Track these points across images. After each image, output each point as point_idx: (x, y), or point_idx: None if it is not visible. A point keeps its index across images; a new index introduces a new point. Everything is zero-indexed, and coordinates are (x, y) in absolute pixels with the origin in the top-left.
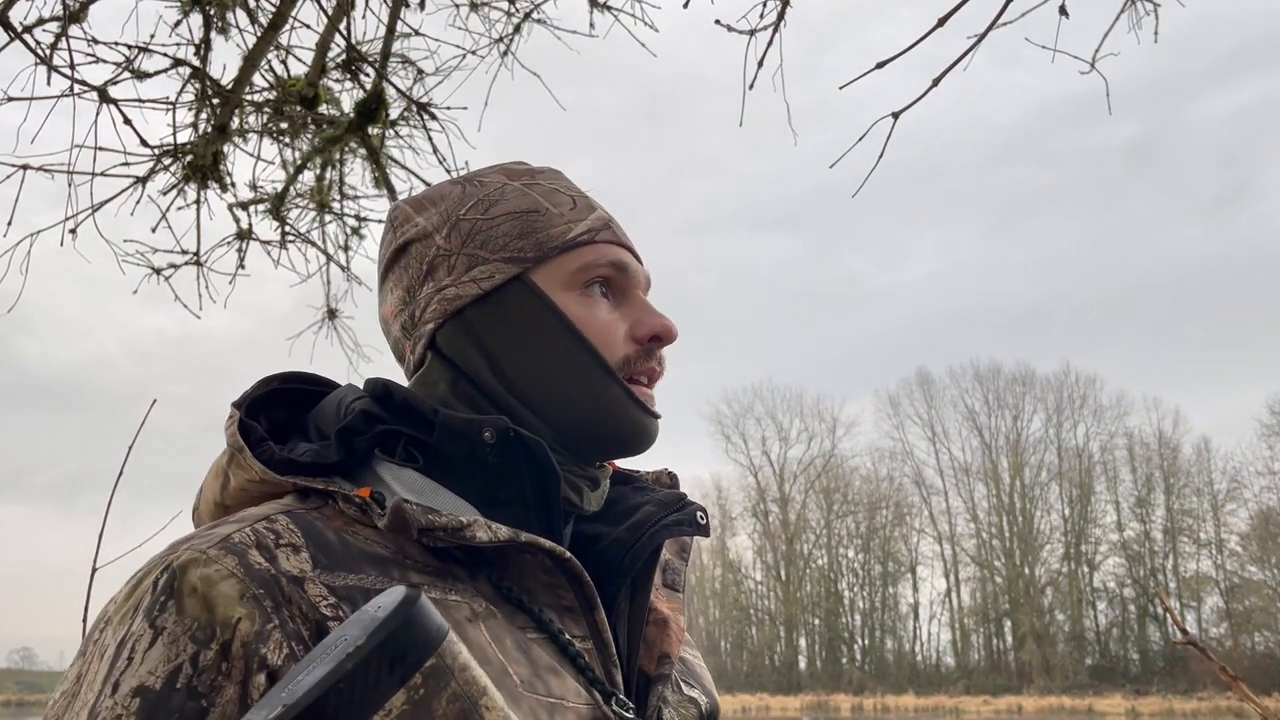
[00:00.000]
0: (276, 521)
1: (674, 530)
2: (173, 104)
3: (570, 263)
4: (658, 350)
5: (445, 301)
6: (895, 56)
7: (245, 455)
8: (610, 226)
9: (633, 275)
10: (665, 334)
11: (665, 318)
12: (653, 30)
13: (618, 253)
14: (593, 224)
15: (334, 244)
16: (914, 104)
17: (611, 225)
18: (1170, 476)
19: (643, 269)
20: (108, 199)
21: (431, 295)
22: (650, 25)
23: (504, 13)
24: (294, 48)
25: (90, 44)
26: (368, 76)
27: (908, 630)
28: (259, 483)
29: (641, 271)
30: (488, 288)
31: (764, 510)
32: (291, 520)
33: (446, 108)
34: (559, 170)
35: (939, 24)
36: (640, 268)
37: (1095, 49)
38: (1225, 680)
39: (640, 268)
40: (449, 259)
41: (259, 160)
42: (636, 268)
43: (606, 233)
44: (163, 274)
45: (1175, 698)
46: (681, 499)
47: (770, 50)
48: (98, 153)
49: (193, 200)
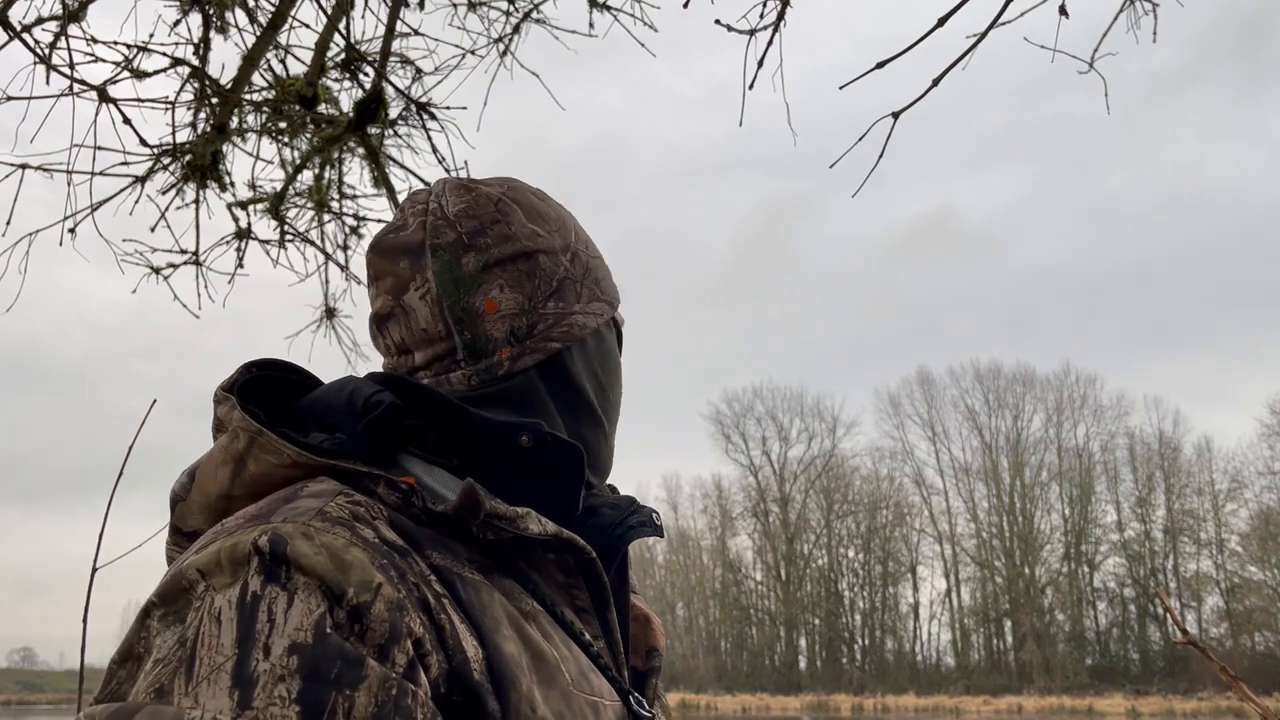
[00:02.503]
0: (354, 496)
1: (635, 532)
2: (172, 103)
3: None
4: None
5: (575, 327)
6: (895, 56)
7: (272, 439)
8: None
9: None
10: None
11: None
12: (652, 30)
13: None
14: None
15: (333, 243)
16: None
17: None
18: (1171, 476)
19: None
20: (107, 198)
21: (562, 315)
22: (650, 25)
23: (503, 12)
24: (293, 47)
25: (89, 43)
26: (367, 76)
27: (908, 630)
28: (290, 467)
29: None
30: (598, 325)
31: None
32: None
33: (446, 107)
34: None
35: (939, 24)
36: None
37: (1094, 48)
38: (1226, 680)
39: None
40: (575, 285)
41: (258, 160)
42: None
43: None
44: (161, 273)
45: (1175, 698)
46: (633, 501)
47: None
48: (97, 152)
49: (191, 200)
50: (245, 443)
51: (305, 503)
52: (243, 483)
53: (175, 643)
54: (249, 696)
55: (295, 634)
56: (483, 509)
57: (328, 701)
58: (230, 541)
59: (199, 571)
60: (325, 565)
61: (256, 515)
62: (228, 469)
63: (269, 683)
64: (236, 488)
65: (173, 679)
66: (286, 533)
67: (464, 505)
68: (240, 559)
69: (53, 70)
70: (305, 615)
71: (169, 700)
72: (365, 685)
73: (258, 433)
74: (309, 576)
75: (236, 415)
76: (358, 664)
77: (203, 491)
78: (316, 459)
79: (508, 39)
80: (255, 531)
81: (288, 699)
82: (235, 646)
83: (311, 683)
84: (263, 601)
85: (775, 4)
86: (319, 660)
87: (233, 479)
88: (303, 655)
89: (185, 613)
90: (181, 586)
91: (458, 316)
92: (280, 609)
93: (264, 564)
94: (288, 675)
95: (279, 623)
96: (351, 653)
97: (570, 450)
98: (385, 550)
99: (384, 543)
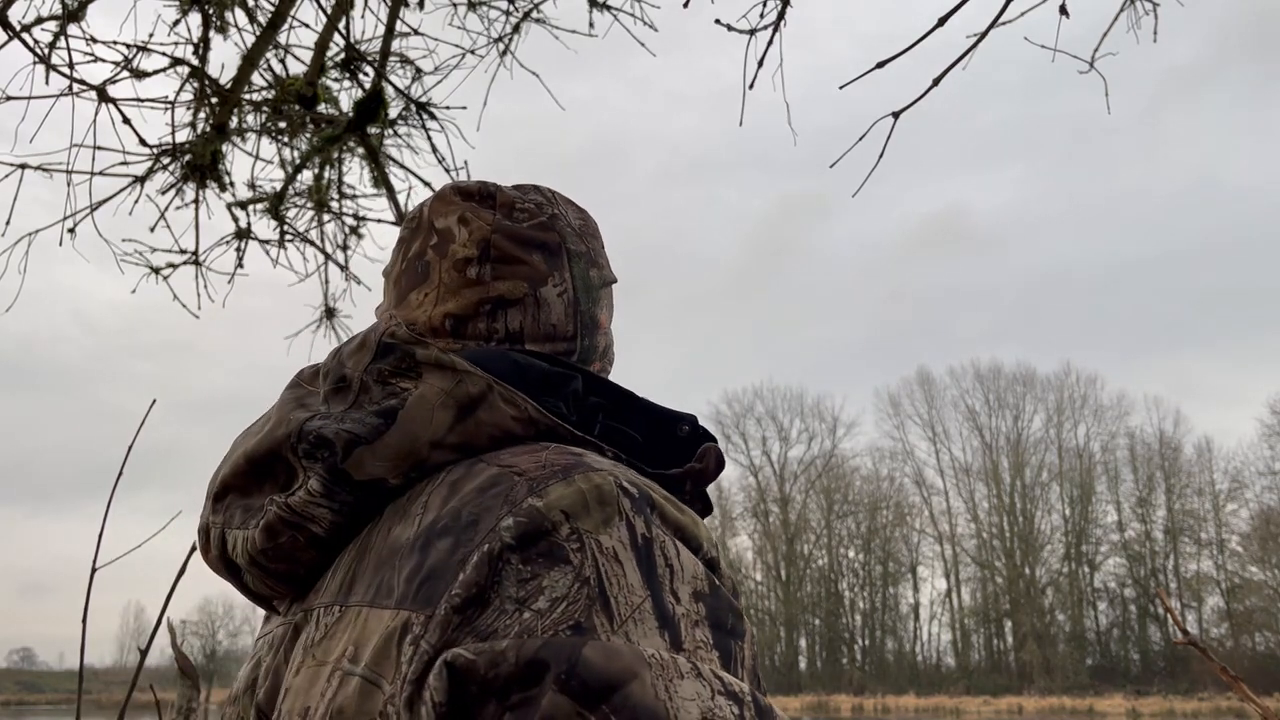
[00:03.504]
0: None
1: None
2: (171, 103)
3: None
4: None
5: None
6: (895, 56)
7: (508, 389)
8: None
9: None
10: None
11: None
12: (652, 30)
13: None
14: None
15: (332, 243)
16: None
17: None
18: (1171, 476)
19: None
20: (107, 198)
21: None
22: (650, 25)
23: (502, 12)
24: (293, 47)
25: (89, 43)
26: (366, 76)
27: (908, 630)
28: (522, 421)
29: None
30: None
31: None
32: None
33: (445, 107)
34: None
35: (939, 24)
36: None
37: (1094, 48)
38: (1226, 680)
39: None
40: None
41: (257, 159)
42: None
43: None
44: (161, 273)
45: (1176, 698)
46: None
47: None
48: (96, 152)
49: (191, 199)
50: (481, 389)
51: (605, 462)
52: (463, 430)
53: (573, 580)
54: (678, 637)
55: (694, 581)
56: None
57: (731, 650)
58: (591, 484)
59: (563, 512)
60: (679, 520)
61: (572, 465)
62: (448, 413)
63: (689, 626)
64: (453, 435)
65: (589, 616)
66: (639, 483)
67: (714, 469)
68: (609, 500)
69: (52, 70)
70: (694, 564)
71: (597, 636)
72: (747, 637)
73: (495, 381)
74: (672, 528)
75: (460, 362)
76: (740, 617)
77: (408, 435)
78: (548, 418)
79: (508, 39)
80: (608, 479)
81: (706, 643)
82: (644, 587)
83: (717, 631)
84: (655, 544)
85: (775, 4)
86: (718, 610)
87: (453, 424)
88: (706, 603)
89: (558, 554)
90: (544, 528)
91: (584, 323)
92: (672, 554)
93: (638, 507)
94: (700, 621)
95: (676, 568)
96: (737, 606)
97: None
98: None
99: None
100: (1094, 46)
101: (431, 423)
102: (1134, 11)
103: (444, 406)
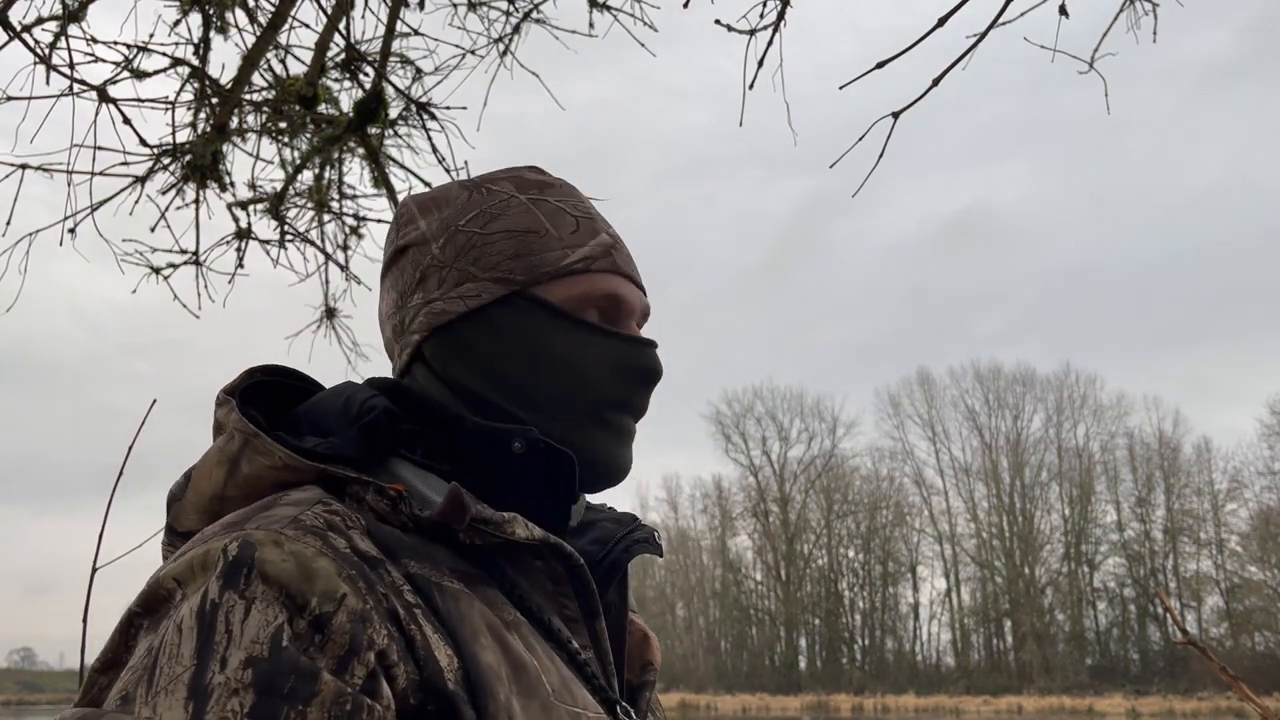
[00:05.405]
0: (331, 505)
1: (639, 547)
2: (172, 103)
3: (561, 290)
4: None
5: (432, 315)
6: (895, 56)
7: (265, 441)
8: (611, 254)
9: (626, 308)
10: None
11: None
12: (652, 30)
13: (612, 283)
14: (592, 251)
15: (333, 243)
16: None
17: (613, 252)
18: (1170, 476)
19: (640, 300)
20: (107, 198)
21: (420, 306)
22: (650, 25)
23: (503, 12)
24: (293, 47)
25: (89, 43)
26: (367, 76)
27: (908, 630)
28: (280, 469)
29: (638, 303)
30: (473, 305)
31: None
32: (342, 507)
33: (446, 107)
34: (573, 186)
35: (939, 24)
36: (637, 298)
37: (1094, 48)
38: (1226, 680)
39: (637, 298)
40: (441, 270)
41: (258, 160)
42: (632, 300)
43: (605, 260)
44: (161, 273)
45: (1175, 698)
46: (635, 519)
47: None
48: (97, 152)
49: (191, 200)
50: (240, 444)
51: (282, 510)
52: (236, 484)
53: (144, 651)
54: (202, 710)
55: (251, 646)
56: (468, 513)
57: (279, 716)
58: (203, 549)
59: (175, 580)
60: (291, 574)
61: (233, 523)
62: (222, 470)
63: (223, 696)
64: (230, 489)
65: (136, 687)
66: (257, 540)
67: (449, 510)
68: (210, 566)
69: (53, 70)
70: (262, 627)
71: (131, 709)
72: (318, 700)
73: (252, 434)
74: (271, 585)
75: (234, 417)
76: (311, 678)
77: (198, 492)
78: (306, 462)
79: (508, 39)
80: (228, 539)
81: (240, 713)
82: (194, 657)
83: (264, 697)
84: (221, 610)
85: (775, 3)
86: (273, 674)
87: (226, 480)
88: (257, 669)
89: (162, 621)
90: (160, 595)
91: (380, 326)
92: (238, 619)
93: (225, 571)
94: (241, 689)
95: (236, 634)
96: (306, 667)
97: (562, 458)
98: (355, 561)
99: (355, 553)
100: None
101: (210, 479)
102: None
103: (219, 464)
